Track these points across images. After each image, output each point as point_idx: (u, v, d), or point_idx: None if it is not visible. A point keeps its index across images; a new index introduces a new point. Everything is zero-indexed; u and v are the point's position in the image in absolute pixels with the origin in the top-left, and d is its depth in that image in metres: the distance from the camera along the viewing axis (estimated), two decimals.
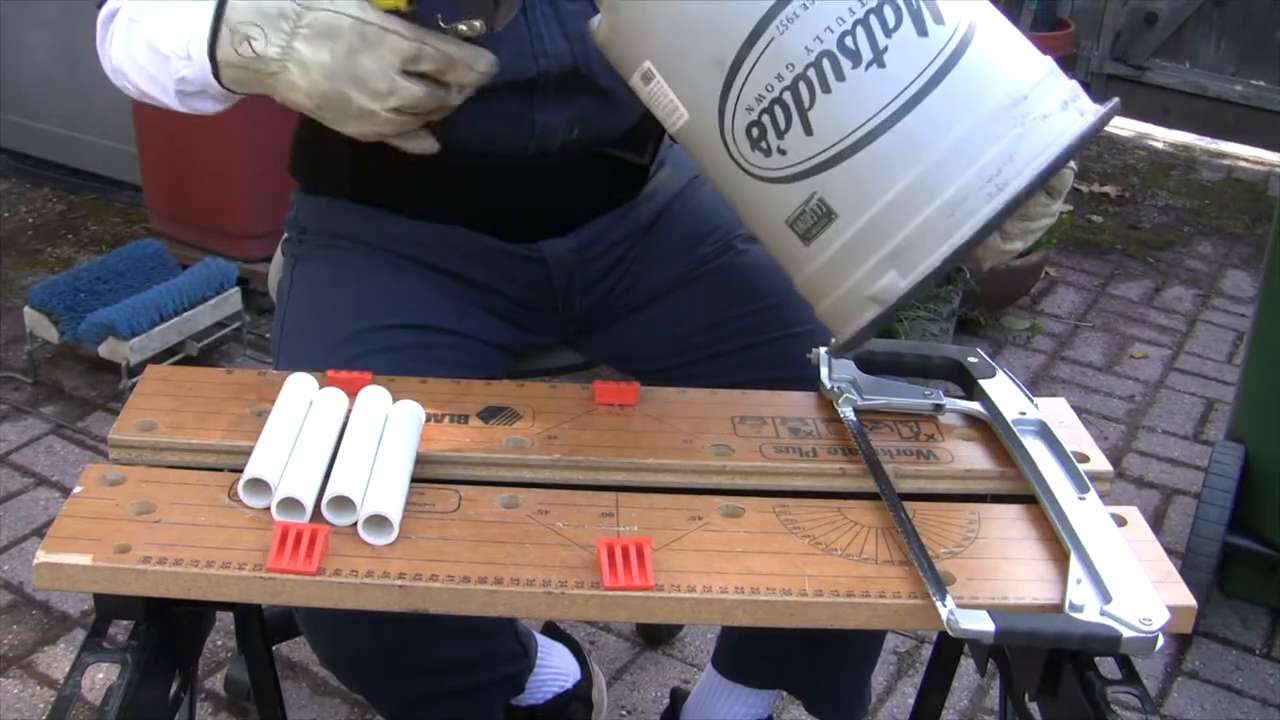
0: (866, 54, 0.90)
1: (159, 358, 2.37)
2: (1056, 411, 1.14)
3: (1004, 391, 1.13)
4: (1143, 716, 0.90)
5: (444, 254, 1.30)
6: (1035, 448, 1.06)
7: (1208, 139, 4.28)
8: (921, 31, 0.91)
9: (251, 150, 2.55)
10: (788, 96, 0.92)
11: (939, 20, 0.92)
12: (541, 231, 1.31)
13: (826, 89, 0.91)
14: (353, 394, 1.07)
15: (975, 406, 1.13)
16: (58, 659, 1.80)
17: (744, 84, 0.93)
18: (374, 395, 1.06)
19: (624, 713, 1.77)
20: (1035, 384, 2.70)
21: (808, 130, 0.92)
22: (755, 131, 0.94)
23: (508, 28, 1.07)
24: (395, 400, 1.06)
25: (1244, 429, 1.98)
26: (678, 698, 1.65)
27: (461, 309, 1.31)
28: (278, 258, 1.47)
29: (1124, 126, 4.35)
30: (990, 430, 1.11)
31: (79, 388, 2.45)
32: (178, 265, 2.57)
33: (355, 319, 1.24)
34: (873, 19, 0.91)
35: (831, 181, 0.93)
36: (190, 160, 2.66)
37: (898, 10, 0.91)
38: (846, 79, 0.91)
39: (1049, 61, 0.97)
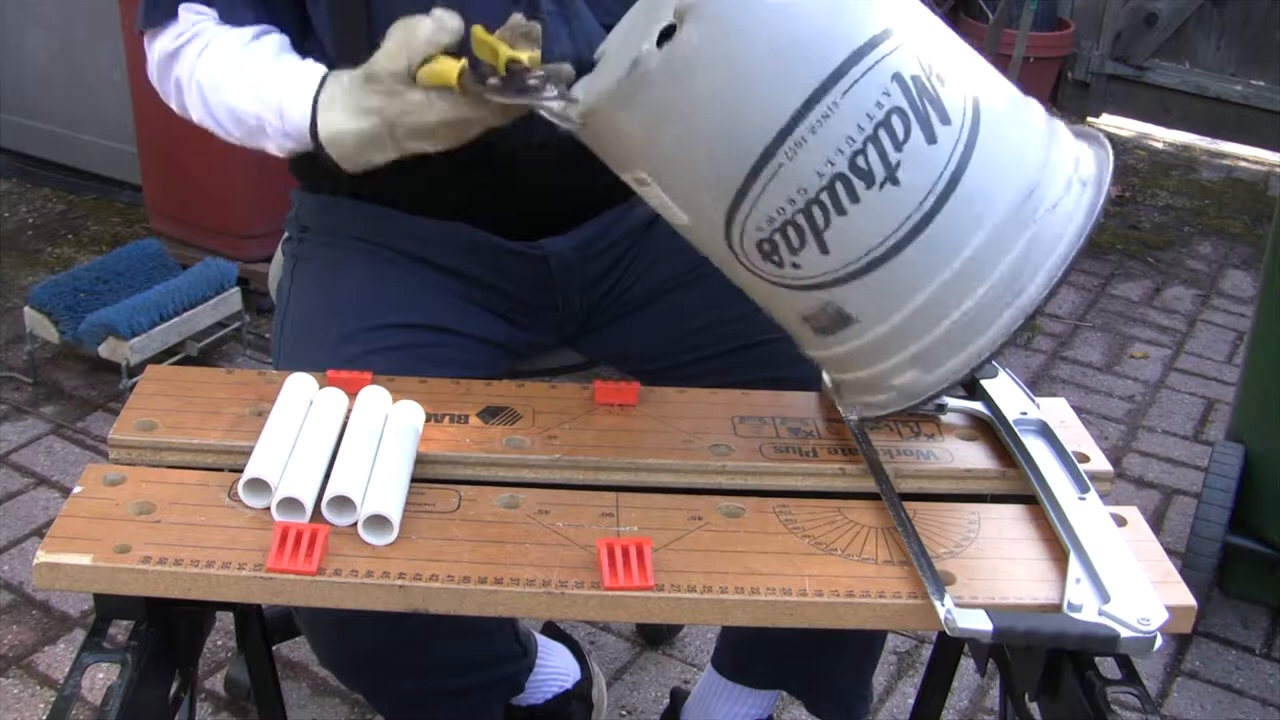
0: (880, 173, 0.87)
1: (159, 358, 2.37)
2: (1057, 411, 1.14)
3: (1006, 391, 1.13)
4: (1143, 716, 0.90)
5: (445, 252, 1.30)
6: (1036, 448, 1.06)
7: (1208, 139, 4.28)
8: (930, 139, 0.87)
9: (251, 150, 2.54)
10: (800, 219, 0.89)
11: (946, 120, 0.88)
12: (543, 229, 1.31)
13: (841, 211, 0.88)
14: (353, 394, 1.07)
15: (977, 406, 1.13)
16: (58, 659, 1.80)
17: (752, 208, 0.90)
18: (374, 395, 1.06)
19: (624, 713, 1.77)
20: (1035, 384, 2.70)
21: (823, 250, 0.90)
22: (766, 247, 0.92)
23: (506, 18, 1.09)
24: (395, 400, 1.06)
25: (1244, 429, 1.98)
26: (678, 698, 1.65)
27: (462, 308, 1.31)
28: (278, 257, 1.47)
29: (1124, 126, 4.35)
30: (990, 430, 1.11)
31: (79, 388, 2.45)
32: (178, 265, 2.57)
33: (356, 319, 1.24)
34: (882, 134, 0.87)
35: (849, 294, 0.91)
36: (190, 160, 2.65)
37: (905, 120, 0.87)
38: (861, 200, 0.88)
39: (1041, 112, 0.94)
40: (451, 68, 1.02)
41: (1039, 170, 0.90)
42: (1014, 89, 0.95)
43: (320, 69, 1.15)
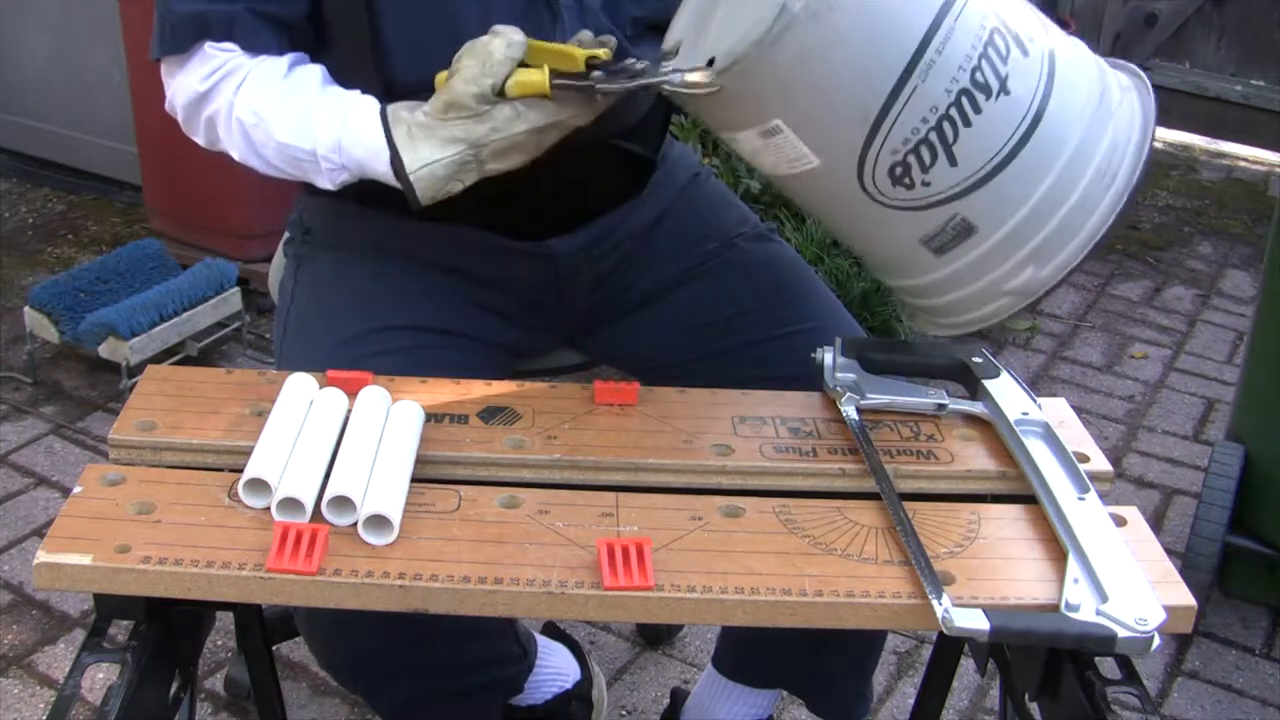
0: (994, 84, 0.97)
1: (159, 358, 2.37)
2: (1057, 411, 1.14)
3: (1007, 392, 1.13)
4: (1143, 716, 0.90)
5: (449, 253, 1.30)
6: (1037, 448, 1.06)
7: (1208, 139, 4.28)
8: (1025, 52, 0.99)
9: None
10: (933, 136, 0.97)
11: (1031, 39, 0.99)
12: (549, 228, 1.31)
13: (967, 123, 0.97)
14: (353, 394, 1.07)
15: (978, 406, 1.13)
16: (58, 659, 1.80)
17: (890, 130, 0.97)
18: (374, 395, 1.06)
19: (624, 713, 1.77)
20: (1035, 384, 2.70)
21: (952, 162, 0.98)
22: (899, 170, 0.99)
23: (531, 19, 1.14)
24: (395, 400, 1.06)
25: (1244, 429, 1.98)
26: (678, 698, 1.65)
27: (464, 309, 1.31)
28: (278, 258, 1.47)
29: None
30: (990, 430, 1.11)
31: (79, 388, 2.45)
32: (178, 265, 2.57)
33: (358, 320, 1.24)
34: (990, 50, 0.97)
35: (974, 202, 1.00)
36: (190, 160, 2.63)
37: (1004, 37, 0.98)
38: (982, 111, 0.97)
39: (1081, 45, 1.06)
40: (540, 76, 1.07)
41: (1100, 77, 1.03)
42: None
43: (371, 101, 1.14)
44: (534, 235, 1.30)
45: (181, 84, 1.20)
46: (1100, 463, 1.08)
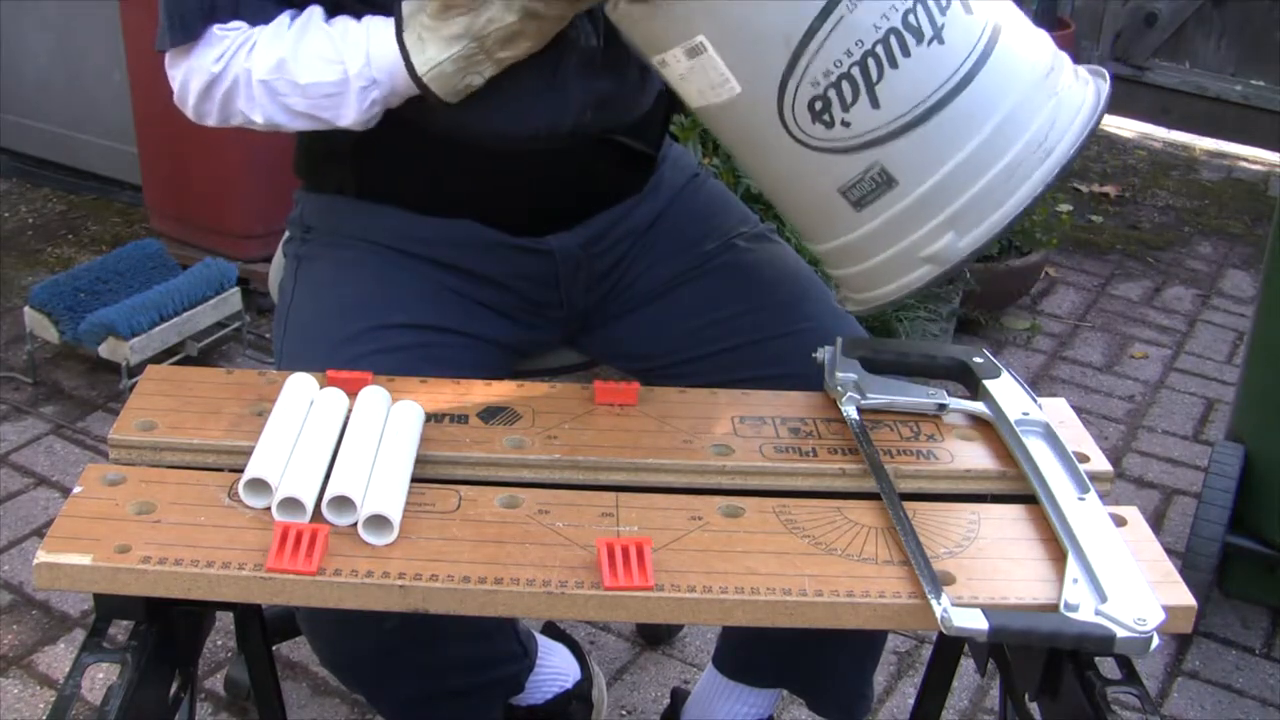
0: (928, 30, 0.95)
1: (159, 358, 2.37)
2: (1057, 411, 1.14)
3: (1007, 392, 1.13)
4: (1143, 716, 0.91)
5: (449, 250, 1.30)
6: (1037, 448, 1.06)
7: (1208, 139, 4.28)
8: (968, 10, 0.97)
9: (251, 150, 2.55)
10: (855, 71, 0.96)
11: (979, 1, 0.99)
12: (549, 224, 1.31)
13: (894, 64, 0.95)
14: (353, 394, 1.07)
15: (979, 407, 1.13)
16: (58, 659, 1.80)
17: (811, 59, 0.96)
18: (374, 395, 1.06)
19: (624, 713, 1.77)
20: (1035, 384, 2.70)
21: (874, 104, 0.96)
22: (819, 105, 0.97)
23: None
24: (395, 400, 1.06)
25: (1244, 429, 1.98)
26: (678, 698, 1.65)
27: (465, 307, 1.31)
28: (278, 257, 1.47)
29: (1124, 126, 4.35)
30: (990, 430, 1.11)
31: (79, 388, 2.45)
32: (178, 265, 2.57)
33: (359, 319, 1.24)
34: None
35: (895, 151, 0.97)
36: (190, 160, 2.65)
37: None
38: (912, 54, 0.95)
39: (1044, 34, 1.04)
40: None
41: (1053, 58, 1.02)
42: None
43: (385, 19, 1.15)
44: (533, 232, 1.31)
45: (193, 71, 1.20)
46: (1100, 463, 1.09)
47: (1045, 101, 0.98)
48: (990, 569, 0.95)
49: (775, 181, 1.08)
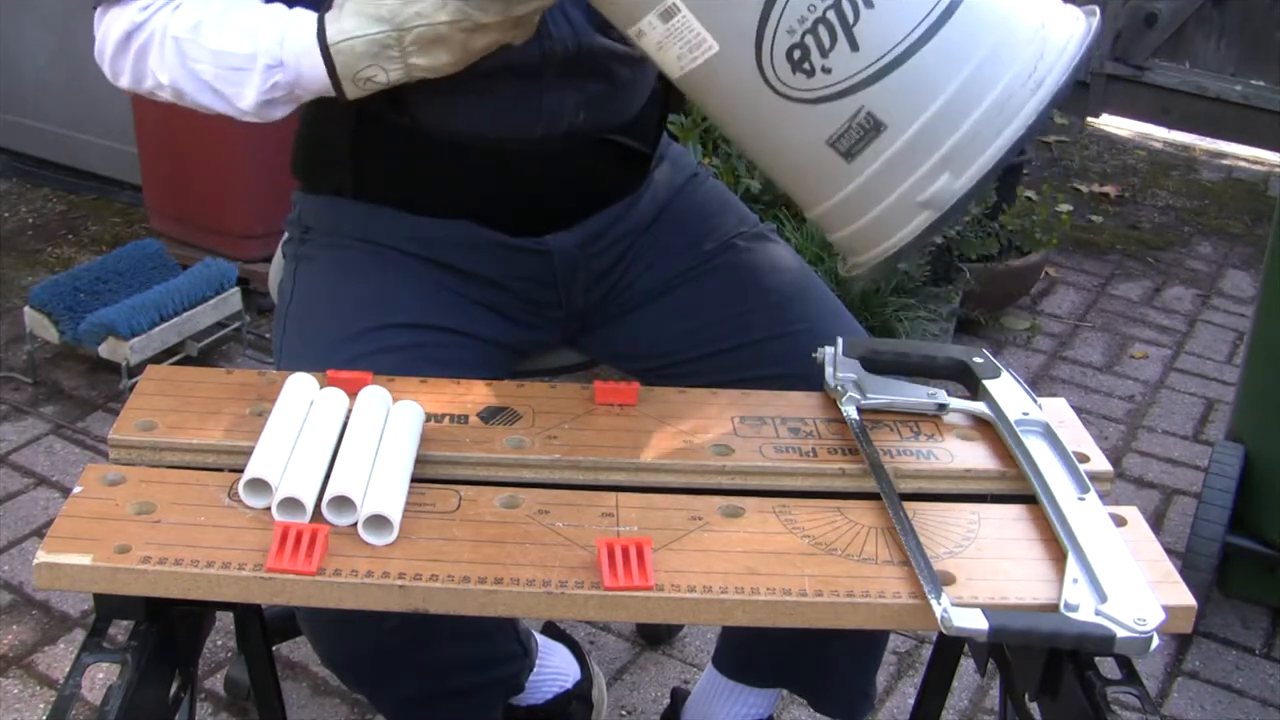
0: None
1: (159, 358, 2.37)
2: (1057, 411, 1.14)
3: (1007, 392, 1.13)
4: (1143, 716, 0.90)
5: (448, 250, 1.30)
6: (1037, 448, 1.06)
7: (1208, 139, 4.28)
8: None
9: (251, 150, 2.55)
10: (831, 15, 0.94)
11: None
12: (547, 224, 1.31)
13: (870, 4, 0.93)
14: (353, 394, 1.07)
15: (979, 407, 1.13)
16: (58, 659, 1.80)
17: (785, 6, 0.94)
18: (374, 395, 1.06)
19: (624, 713, 1.77)
20: (1035, 384, 2.70)
21: (853, 46, 0.94)
22: (797, 54, 0.96)
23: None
24: (395, 400, 1.06)
25: (1244, 429, 1.98)
26: (678, 698, 1.65)
27: (464, 307, 1.31)
28: (278, 258, 1.47)
29: (1124, 126, 4.35)
30: (990, 430, 1.11)
31: (79, 388, 2.45)
32: (178, 265, 2.57)
33: (358, 319, 1.24)
34: None
35: (880, 94, 0.95)
36: (190, 160, 2.66)
37: None
38: None
39: None
40: None
41: None
42: None
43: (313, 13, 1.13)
44: (531, 232, 1.31)
45: (114, 20, 1.19)
46: (1100, 463, 1.09)
47: (1033, 33, 0.95)
48: (990, 569, 0.95)
49: (764, 145, 1.05)
